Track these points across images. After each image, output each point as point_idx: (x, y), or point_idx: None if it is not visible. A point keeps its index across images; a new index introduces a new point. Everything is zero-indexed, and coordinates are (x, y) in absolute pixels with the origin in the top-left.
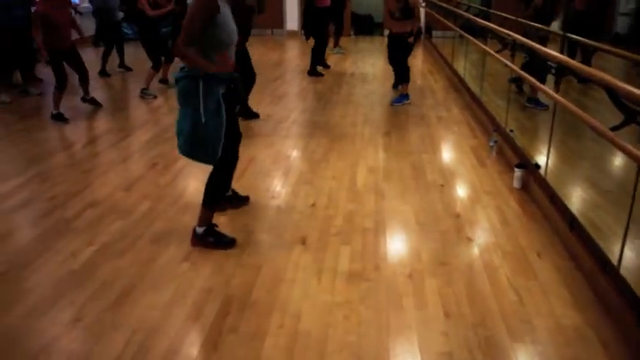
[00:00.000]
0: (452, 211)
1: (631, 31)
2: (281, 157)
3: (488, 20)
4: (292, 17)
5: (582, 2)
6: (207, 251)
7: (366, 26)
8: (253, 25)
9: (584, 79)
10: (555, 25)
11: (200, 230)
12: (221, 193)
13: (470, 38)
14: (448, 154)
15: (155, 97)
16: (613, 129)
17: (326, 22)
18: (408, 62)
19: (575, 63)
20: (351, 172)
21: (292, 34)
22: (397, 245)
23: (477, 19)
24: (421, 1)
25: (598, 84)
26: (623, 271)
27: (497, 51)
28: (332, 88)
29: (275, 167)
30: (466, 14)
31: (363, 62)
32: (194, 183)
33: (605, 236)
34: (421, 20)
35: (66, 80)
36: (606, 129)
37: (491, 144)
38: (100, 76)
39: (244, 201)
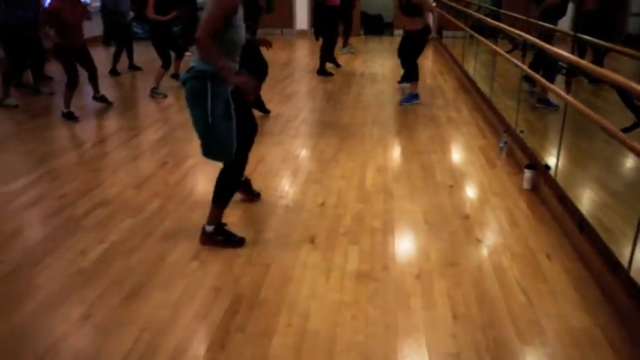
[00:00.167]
0: (461, 212)
1: None
2: (290, 157)
3: (498, 20)
4: (302, 17)
5: (594, 2)
6: (216, 250)
7: (376, 26)
8: (260, 25)
9: (594, 80)
10: (565, 25)
11: (209, 229)
12: (231, 192)
13: (480, 38)
14: (458, 155)
15: (165, 97)
16: (624, 130)
17: (336, 22)
18: (418, 62)
19: (586, 63)
20: (361, 172)
21: (302, 34)
22: (406, 245)
23: (488, 19)
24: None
25: (611, 85)
26: (633, 273)
27: (507, 51)
28: (341, 88)
29: (284, 166)
30: (476, 14)
31: (373, 62)
32: (204, 181)
33: (615, 238)
34: (430, 18)
35: (77, 78)
36: (617, 130)
37: (501, 145)
38: (111, 75)
39: (254, 195)
